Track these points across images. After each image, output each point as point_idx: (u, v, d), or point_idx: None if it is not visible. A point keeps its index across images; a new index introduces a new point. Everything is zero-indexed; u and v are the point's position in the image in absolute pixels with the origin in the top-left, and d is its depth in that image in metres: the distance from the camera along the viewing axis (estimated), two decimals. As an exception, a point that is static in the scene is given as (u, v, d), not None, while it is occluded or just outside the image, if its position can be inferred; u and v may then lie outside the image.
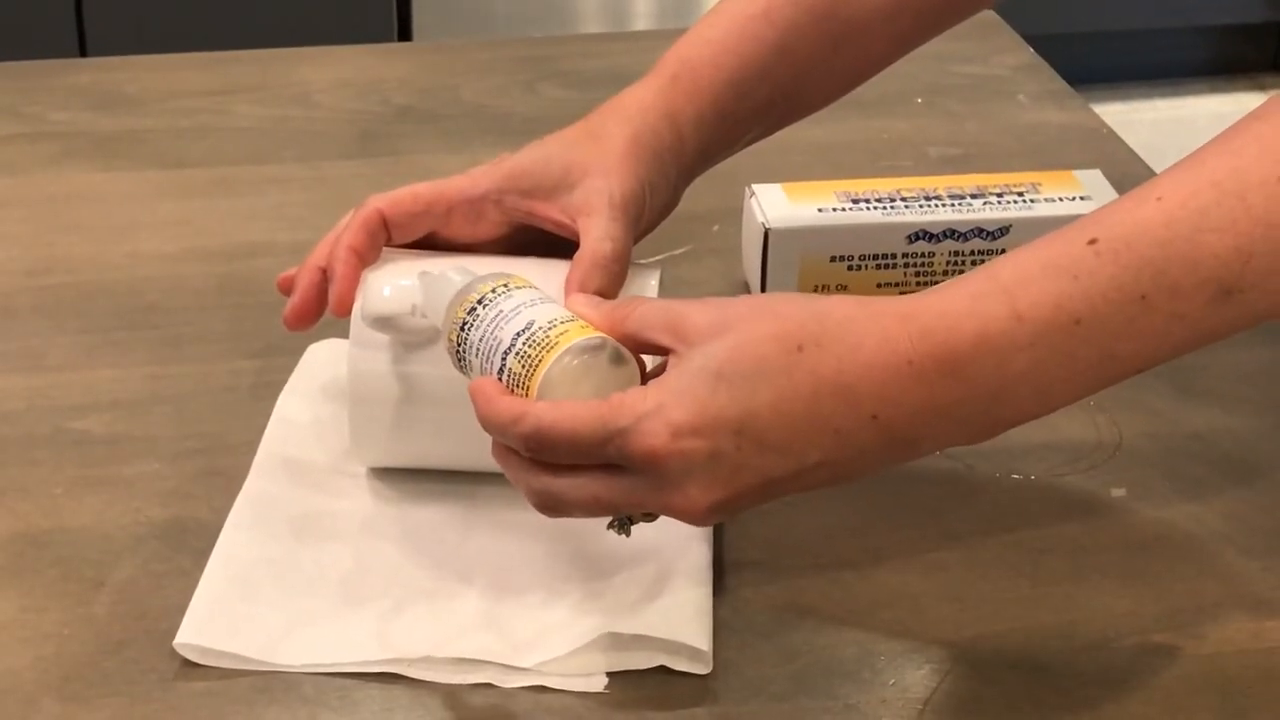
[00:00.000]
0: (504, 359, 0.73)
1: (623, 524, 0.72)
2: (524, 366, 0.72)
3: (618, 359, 0.72)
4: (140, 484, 0.86)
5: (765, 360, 0.69)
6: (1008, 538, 0.83)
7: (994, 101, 1.28)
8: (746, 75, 0.88)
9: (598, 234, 0.81)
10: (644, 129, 0.85)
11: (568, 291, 0.79)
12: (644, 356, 0.74)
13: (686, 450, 0.69)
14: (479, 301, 0.74)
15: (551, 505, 0.72)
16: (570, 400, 0.71)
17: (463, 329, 0.75)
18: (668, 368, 0.71)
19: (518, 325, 0.73)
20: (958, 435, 0.71)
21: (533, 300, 0.74)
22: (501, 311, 0.74)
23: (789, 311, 0.71)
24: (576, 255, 0.81)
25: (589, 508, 0.71)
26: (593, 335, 0.72)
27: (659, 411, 0.69)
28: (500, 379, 0.73)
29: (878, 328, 0.69)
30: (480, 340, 0.74)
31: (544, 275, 0.81)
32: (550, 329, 0.72)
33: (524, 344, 0.72)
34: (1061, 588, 0.80)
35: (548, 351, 0.72)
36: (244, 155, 1.19)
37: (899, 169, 1.16)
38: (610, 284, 0.80)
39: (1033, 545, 0.83)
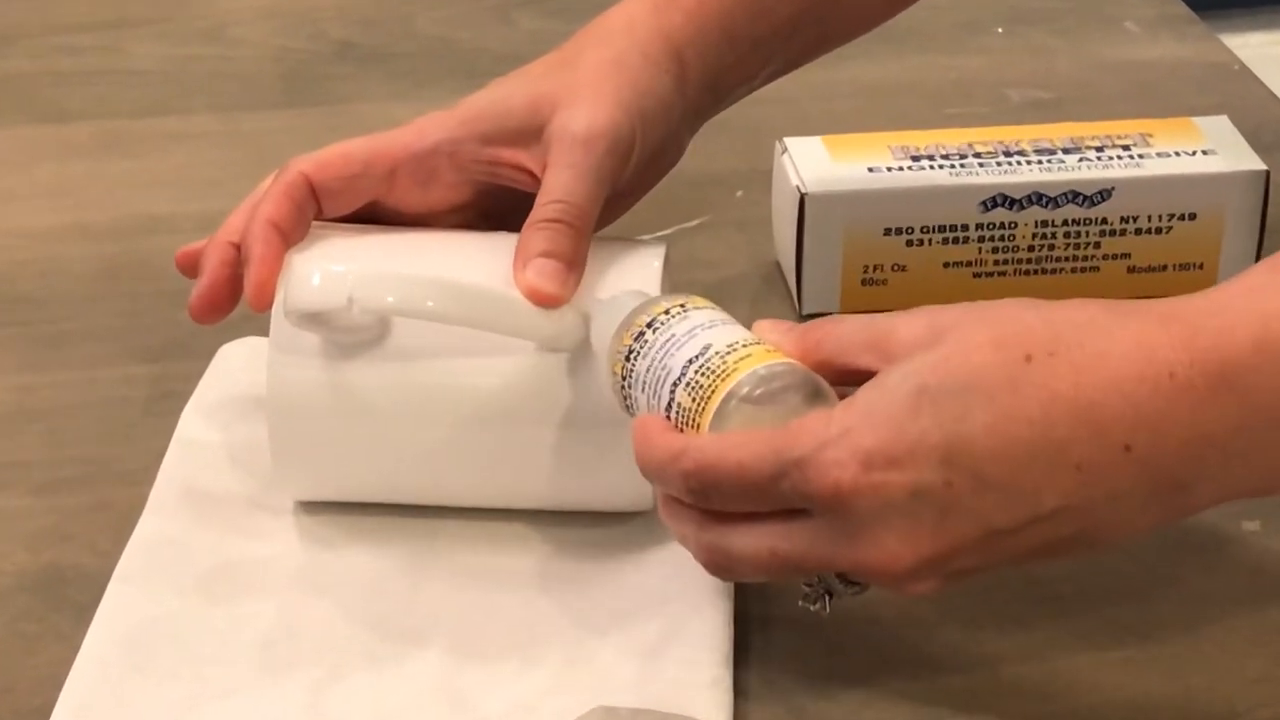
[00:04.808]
0: (672, 391, 0.74)
1: (818, 595, 0.73)
2: (694, 400, 0.73)
3: (811, 391, 0.72)
4: (6, 523, 0.86)
5: (982, 372, 0.68)
6: (1109, 585, 0.83)
7: (1094, 30, 1.29)
8: None
9: (554, 179, 0.81)
10: (629, 50, 0.85)
11: (516, 266, 0.79)
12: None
13: (880, 485, 0.68)
14: (649, 325, 0.75)
15: (723, 564, 0.73)
16: (740, 430, 0.71)
17: (628, 359, 0.76)
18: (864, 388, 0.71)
19: (690, 351, 0.74)
20: (1239, 480, 0.70)
21: (712, 322, 0.75)
22: (674, 336, 0.75)
23: (1014, 315, 0.71)
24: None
25: (765, 565, 0.71)
26: (779, 360, 0.73)
27: (845, 437, 0.68)
28: (668, 416, 0.74)
29: (1129, 332, 0.69)
30: (647, 371, 0.75)
31: (509, 253, 0.81)
32: (728, 354, 0.73)
33: (696, 373, 0.73)
34: (1175, 647, 0.80)
35: (723, 381, 0.72)
36: (141, 105, 1.20)
37: (972, 117, 1.16)
38: (568, 245, 0.79)
39: (1141, 594, 0.82)
